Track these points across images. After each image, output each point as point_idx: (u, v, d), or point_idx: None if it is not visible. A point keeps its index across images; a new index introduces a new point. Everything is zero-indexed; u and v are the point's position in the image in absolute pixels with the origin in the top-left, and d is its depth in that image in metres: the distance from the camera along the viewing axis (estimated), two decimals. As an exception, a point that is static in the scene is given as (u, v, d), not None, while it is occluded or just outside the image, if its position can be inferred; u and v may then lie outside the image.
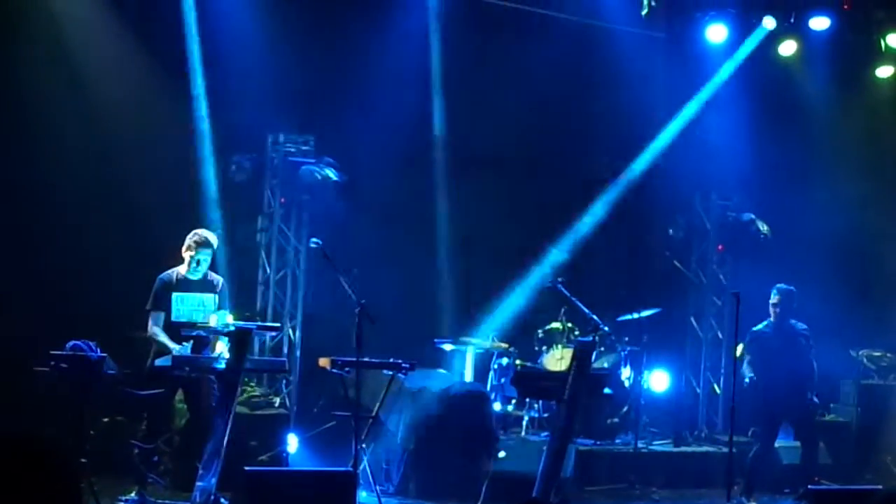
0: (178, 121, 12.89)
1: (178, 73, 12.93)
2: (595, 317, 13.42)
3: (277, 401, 13.23)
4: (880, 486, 11.02)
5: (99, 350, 10.08)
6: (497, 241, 14.69)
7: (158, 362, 10.07)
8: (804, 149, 15.71)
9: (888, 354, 15.02)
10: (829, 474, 13.21)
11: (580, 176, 15.51)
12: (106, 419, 11.70)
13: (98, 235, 12.51)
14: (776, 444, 12.90)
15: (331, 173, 13.31)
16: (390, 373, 10.87)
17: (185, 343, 10.22)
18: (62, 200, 12.52)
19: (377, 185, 14.01)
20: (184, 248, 10.54)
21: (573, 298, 13.61)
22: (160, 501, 10.48)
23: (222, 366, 9.92)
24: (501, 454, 12.27)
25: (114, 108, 12.61)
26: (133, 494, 10.35)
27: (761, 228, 15.06)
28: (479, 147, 14.75)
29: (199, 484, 9.60)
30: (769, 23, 14.83)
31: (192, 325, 10.21)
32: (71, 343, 10.09)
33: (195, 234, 10.58)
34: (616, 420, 13.66)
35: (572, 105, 15.17)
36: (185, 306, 10.48)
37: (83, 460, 9.29)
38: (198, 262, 10.50)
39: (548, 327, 14.06)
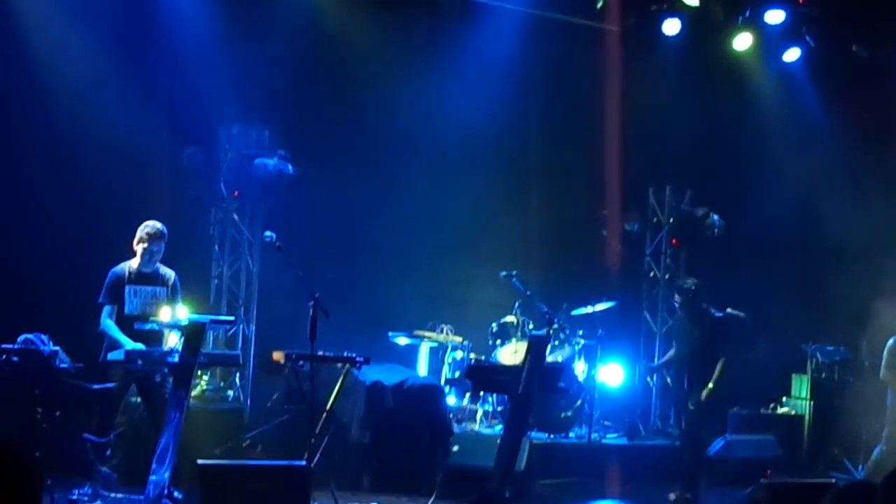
0: (130, 113, 12.76)
1: (131, 63, 12.81)
2: (549, 310, 13.42)
3: (231, 394, 13.18)
4: (833, 480, 11.10)
5: (51, 343, 10.00)
6: (450, 233, 14.68)
7: (111, 356, 9.98)
8: (759, 143, 15.80)
9: (841, 348, 15.12)
10: (781, 467, 13.29)
11: (531, 167, 15.51)
12: (58, 413, 11.59)
13: (50, 228, 12.38)
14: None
15: (284, 166, 13.25)
16: (345, 366, 10.83)
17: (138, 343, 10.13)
18: (12, 193, 12.37)
19: (331, 178, 13.97)
20: (135, 241, 10.45)
21: (527, 292, 13.61)
22: (113, 495, 10.40)
23: (176, 359, 9.84)
24: (455, 448, 12.27)
25: (65, 101, 12.46)
26: (86, 488, 10.28)
27: (715, 222, 15.14)
28: (431, 139, 14.69)
29: (152, 478, 9.51)
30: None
31: (144, 319, 10.14)
32: (23, 337, 10.01)
33: (146, 225, 10.49)
34: (570, 414, 13.66)
35: (525, 97, 15.18)
36: (137, 299, 10.40)
37: (36, 454, 9.20)
38: (150, 255, 10.43)
39: (502, 321, 14.05)
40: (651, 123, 15.19)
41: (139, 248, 10.43)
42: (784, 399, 15.14)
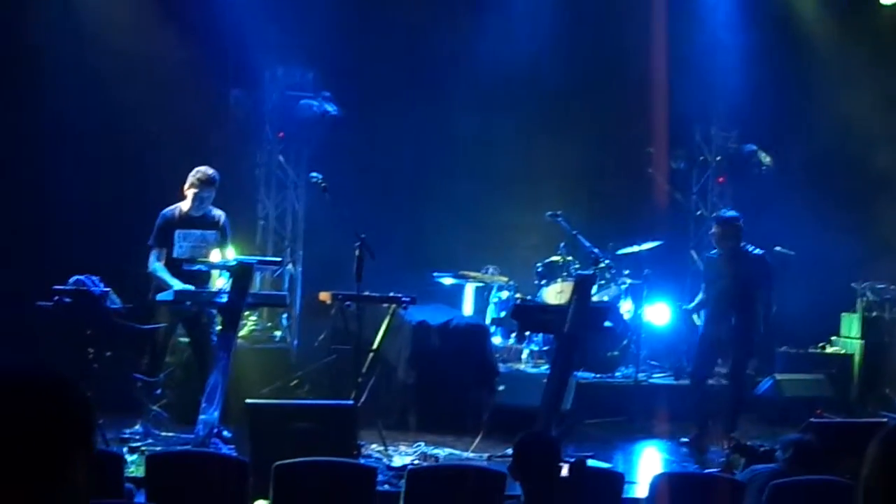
0: (178, 56, 12.78)
1: (178, 6, 12.82)
2: (595, 250, 13.39)
3: (278, 335, 13.27)
4: (885, 419, 11.03)
5: (102, 285, 10.10)
6: (495, 173, 14.63)
7: (160, 296, 10.10)
8: (807, 79, 15.60)
9: (892, 286, 14.94)
10: (831, 407, 13.22)
11: (577, 106, 15.38)
12: (109, 353, 11.70)
13: (100, 170, 12.48)
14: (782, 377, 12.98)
15: (329, 108, 13.25)
16: (390, 307, 10.88)
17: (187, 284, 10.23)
18: (65, 137, 12.48)
19: (376, 119, 13.96)
20: (186, 186, 10.52)
21: (574, 231, 13.57)
22: (164, 434, 10.53)
23: (224, 300, 9.92)
24: (501, 388, 12.30)
25: (113, 44, 12.51)
26: (137, 427, 10.42)
27: (763, 160, 15.01)
28: (476, 79, 14.58)
29: (201, 417, 9.62)
30: None
31: (193, 261, 10.21)
32: (74, 278, 10.11)
33: (198, 171, 10.54)
34: (616, 353, 13.66)
35: (570, 35, 15.02)
36: (187, 243, 10.45)
37: (88, 393, 9.29)
38: (201, 200, 10.50)
39: (547, 260, 13.99)
40: (698, 60, 15.01)
41: (190, 193, 10.50)
42: (833, 338, 15.03)
